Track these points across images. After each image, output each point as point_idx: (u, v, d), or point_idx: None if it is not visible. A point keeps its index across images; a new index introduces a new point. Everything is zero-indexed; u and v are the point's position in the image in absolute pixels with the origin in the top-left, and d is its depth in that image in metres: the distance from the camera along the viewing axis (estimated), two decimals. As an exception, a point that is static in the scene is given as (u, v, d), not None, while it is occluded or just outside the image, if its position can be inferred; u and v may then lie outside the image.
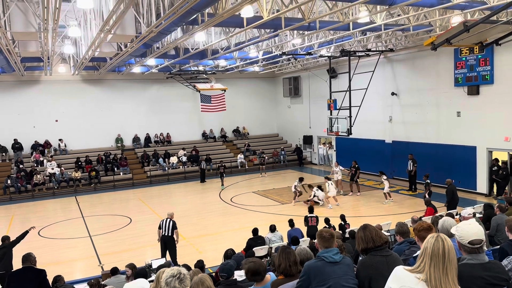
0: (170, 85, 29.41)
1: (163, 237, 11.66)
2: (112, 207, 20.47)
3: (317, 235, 4.02)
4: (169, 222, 11.64)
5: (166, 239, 11.62)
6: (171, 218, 11.75)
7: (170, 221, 11.65)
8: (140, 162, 27.79)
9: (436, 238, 2.61)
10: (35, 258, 7.20)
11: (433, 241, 2.60)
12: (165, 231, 11.61)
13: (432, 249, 2.57)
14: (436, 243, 2.58)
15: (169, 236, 11.58)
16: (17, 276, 7.02)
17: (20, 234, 10.11)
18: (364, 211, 16.93)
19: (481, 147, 18.57)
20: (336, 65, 25.96)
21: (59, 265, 12.31)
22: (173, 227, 11.58)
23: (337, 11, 12.81)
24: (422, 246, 2.67)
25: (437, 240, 2.60)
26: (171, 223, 11.61)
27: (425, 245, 2.62)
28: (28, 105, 25.92)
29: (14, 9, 11.01)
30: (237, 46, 18.52)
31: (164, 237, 11.63)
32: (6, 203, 22.18)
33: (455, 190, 14.68)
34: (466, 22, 9.58)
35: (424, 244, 2.65)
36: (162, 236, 11.67)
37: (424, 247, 2.63)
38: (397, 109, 22.84)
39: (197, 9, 10.43)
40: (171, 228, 11.57)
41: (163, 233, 11.65)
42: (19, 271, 7.16)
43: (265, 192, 21.57)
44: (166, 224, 11.63)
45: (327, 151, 29.04)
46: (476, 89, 18.40)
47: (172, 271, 3.16)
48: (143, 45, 15.47)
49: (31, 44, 15.42)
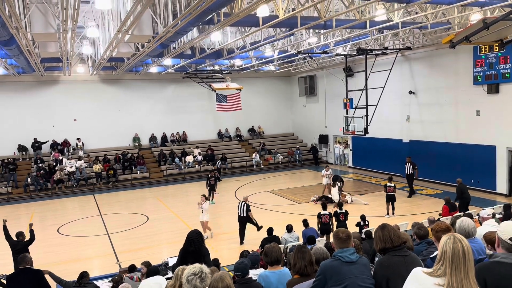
0: (186, 85, 29.63)
1: (239, 217, 13.60)
2: (129, 205, 20.72)
3: (334, 236, 4.01)
4: (243, 205, 13.50)
5: (241, 219, 13.57)
6: (245, 201, 13.63)
7: (244, 204, 13.52)
8: (156, 161, 28.06)
9: (454, 240, 2.56)
10: (31, 259, 7.25)
11: (452, 243, 2.55)
12: (241, 212, 13.53)
13: (452, 252, 2.51)
14: (455, 245, 2.53)
15: (244, 216, 13.47)
16: (16, 278, 7.10)
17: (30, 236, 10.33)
18: (382, 211, 16.77)
19: (501, 147, 18.22)
20: (352, 63, 25.77)
21: (78, 262, 12.52)
22: (247, 209, 13.42)
23: (354, 9, 12.71)
24: (440, 248, 2.61)
25: (455, 241, 2.55)
26: (245, 206, 13.46)
27: (443, 248, 2.57)
28: (47, 105, 26.42)
29: (34, 10, 11.23)
30: (252, 46, 18.54)
31: (240, 218, 13.59)
32: (26, 201, 22.66)
33: (465, 189, 14.44)
34: (485, 19, 9.42)
35: (442, 247, 2.59)
36: (238, 217, 13.60)
37: (442, 250, 2.57)
38: (414, 108, 22.56)
39: (213, 9, 10.48)
40: (245, 210, 13.42)
41: (239, 214, 13.56)
42: (17, 273, 7.25)
43: (280, 192, 21.55)
44: (241, 207, 13.52)
45: (343, 151, 28.86)
46: (496, 88, 18.05)
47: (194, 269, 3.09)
48: (160, 45, 15.61)
49: (51, 45, 15.72)
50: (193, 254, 6.08)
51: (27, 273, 7.02)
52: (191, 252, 6.13)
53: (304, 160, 30.28)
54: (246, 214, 13.42)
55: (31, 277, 6.99)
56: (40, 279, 7.09)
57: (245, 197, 14.06)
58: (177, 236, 13.84)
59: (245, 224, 13.61)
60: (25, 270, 7.05)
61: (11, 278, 7.12)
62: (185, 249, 6.25)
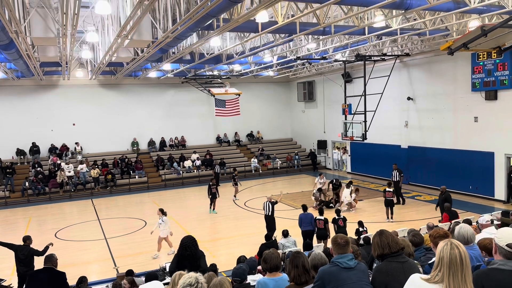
0: (185, 90, 29.67)
1: (265, 216, 13.87)
2: (127, 210, 20.66)
3: (332, 241, 4.00)
4: (268, 204, 13.80)
5: (267, 219, 13.83)
6: (269, 201, 13.94)
7: (269, 203, 13.82)
8: (155, 165, 28.03)
9: (451, 246, 2.56)
10: (56, 260, 7.32)
11: (449, 249, 2.55)
12: (267, 211, 13.81)
13: (449, 258, 2.51)
14: (452, 251, 2.53)
15: (269, 215, 13.77)
16: (37, 275, 7.17)
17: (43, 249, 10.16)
18: (380, 217, 16.76)
19: (499, 153, 18.26)
20: (351, 69, 25.85)
21: (75, 267, 12.45)
22: (272, 207, 13.79)
23: (352, 16, 12.77)
24: (437, 254, 2.61)
25: (452, 247, 2.55)
26: (270, 205, 13.77)
27: (440, 255, 2.57)
28: (46, 109, 26.41)
29: (34, 15, 11.26)
30: (251, 51, 18.59)
31: (266, 217, 13.86)
32: (24, 205, 22.59)
33: (449, 198, 14.41)
34: (483, 26, 9.48)
35: (439, 253, 2.59)
36: (265, 216, 13.87)
37: (440, 256, 2.57)
38: (413, 114, 22.62)
39: (212, 15, 10.51)
40: (271, 208, 13.73)
41: (265, 213, 13.86)
42: (40, 271, 7.30)
43: (278, 197, 21.46)
44: (266, 206, 13.84)
45: (342, 156, 28.88)
46: (494, 94, 18.12)
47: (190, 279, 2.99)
48: (159, 50, 15.65)
49: (50, 49, 15.74)
50: (189, 258, 6.10)
51: (50, 273, 7.09)
52: (187, 256, 6.16)
53: (303, 165, 30.28)
54: (272, 213, 13.87)
55: (51, 277, 7.06)
56: (62, 281, 7.16)
57: (269, 197, 14.39)
58: (174, 241, 13.79)
59: (270, 223, 13.98)
60: (48, 269, 7.14)
61: (32, 276, 7.24)
62: (181, 254, 6.27)
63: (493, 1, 11.37)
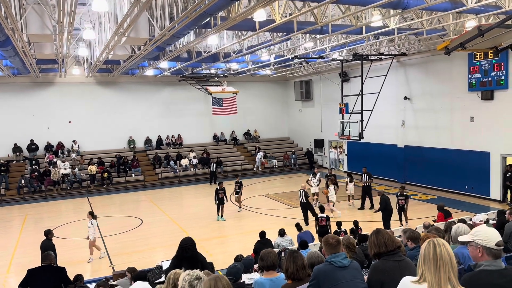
0: (182, 88, 29.60)
1: (301, 203, 15.65)
2: (123, 208, 20.62)
3: (324, 242, 4.03)
4: (302, 193, 15.44)
5: (302, 205, 15.59)
6: (303, 189, 15.54)
7: (303, 192, 15.45)
8: (151, 164, 27.98)
9: (428, 243, 2.59)
10: (54, 258, 7.46)
11: (425, 245, 2.59)
12: (301, 199, 15.51)
13: (424, 254, 2.56)
14: (427, 247, 2.57)
15: (304, 202, 15.48)
16: (35, 273, 7.21)
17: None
18: (376, 216, 16.78)
19: (495, 153, 18.33)
20: (348, 69, 25.87)
21: (71, 265, 12.37)
22: (305, 195, 15.48)
23: (350, 15, 12.79)
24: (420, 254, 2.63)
25: (428, 244, 2.58)
26: (303, 193, 15.41)
27: (420, 254, 2.61)
28: (42, 107, 26.30)
29: (30, 12, 11.20)
30: (249, 50, 18.58)
31: (302, 204, 15.59)
32: (19, 203, 22.50)
33: (388, 201, 14.50)
34: (480, 26, 9.51)
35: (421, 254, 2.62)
36: (300, 203, 15.65)
37: (421, 255, 2.60)
38: (409, 114, 22.67)
39: (210, 13, 10.50)
40: (304, 196, 15.41)
41: (300, 201, 15.59)
42: (38, 269, 7.35)
43: (275, 196, 21.54)
44: (300, 194, 15.56)
45: (338, 155, 28.92)
46: (490, 94, 18.18)
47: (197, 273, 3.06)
48: (156, 48, 15.61)
49: (46, 46, 15.68)
50: (189, 260, 5.99)
51: (49, 271, 7.27)
52: (186, 258, 6.03)
53: (300, 164, 30.31)
54: (306, 200, 15.40)
55: (50, 275, 7.26)
56: (63, 275, 7.40)
57: (303, 186, 15.90)
58: (171, 240, 13.80)
59: (306, 209, 15.42)
60: (47, 267, 7.31)
61: (31, 272, 7.27)
62: (180, 256, 6.12)
63: (490, 1, 11.40)
